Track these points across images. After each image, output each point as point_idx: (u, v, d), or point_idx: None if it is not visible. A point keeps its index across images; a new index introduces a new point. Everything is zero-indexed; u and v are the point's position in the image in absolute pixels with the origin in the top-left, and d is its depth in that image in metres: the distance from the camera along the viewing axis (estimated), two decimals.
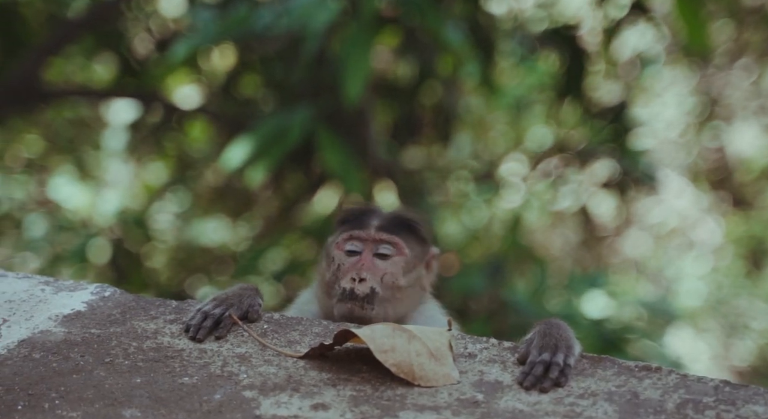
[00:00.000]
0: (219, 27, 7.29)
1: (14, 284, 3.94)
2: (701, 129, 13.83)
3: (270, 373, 3.44)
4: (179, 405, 3.26)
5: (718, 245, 13.98)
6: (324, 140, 7.54)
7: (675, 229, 14.25)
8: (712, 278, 13.70)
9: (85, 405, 3.25)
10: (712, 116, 13.82)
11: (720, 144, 14.13)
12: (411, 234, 4.04)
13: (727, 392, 3.34)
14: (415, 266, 4.03)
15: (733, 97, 13.92)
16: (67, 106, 11.11)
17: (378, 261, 3.97)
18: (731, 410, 3.25)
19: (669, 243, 14.22)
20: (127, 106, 10.57)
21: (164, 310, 3.78)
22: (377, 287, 3.91)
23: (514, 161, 11.10)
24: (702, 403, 3.29)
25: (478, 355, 3.56)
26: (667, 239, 14.24)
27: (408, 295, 4.00)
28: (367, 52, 6.86)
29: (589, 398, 3.32)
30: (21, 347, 3.54)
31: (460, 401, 3.31)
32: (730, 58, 13.40)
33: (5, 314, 3.76)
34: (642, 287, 13.18)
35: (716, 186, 14.29)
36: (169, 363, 3.48)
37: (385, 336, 3.41)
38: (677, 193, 13.95)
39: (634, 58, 10.94)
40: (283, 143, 7.44)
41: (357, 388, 3.36)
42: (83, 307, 3.78)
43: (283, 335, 3.66)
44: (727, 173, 14.27)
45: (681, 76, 13.16)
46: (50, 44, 9.78)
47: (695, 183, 14.11)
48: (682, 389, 3.37)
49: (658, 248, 14.18)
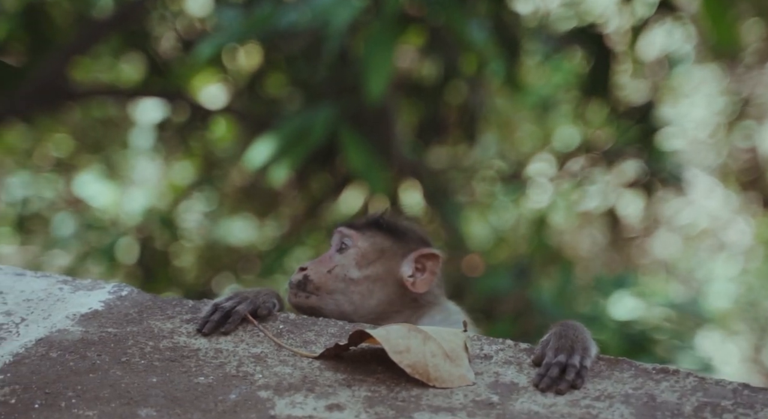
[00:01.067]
0: (243, 26, 7.30)
1: (32, 283, 3.95)
2: (731, 129, 13.74)
3: (285, 373, 3.43)
4: (194, 405, 3.26)
5: (749, 247, 13.89)
6: (347, 140, 7.54)
7: (705, 230, 14.17)
8: (742, 280, 13.61)
9: (102, 404, 3.26)
10: (743, 115, 13.73)
11: (751, 144, 14.04)
12: (378, 230, 4.03)
13: (746, 395, 3.31)
14: (378, 260, 3.99)
15: (764, 96, 13.83)
16: (94, 105, 11.16)
17: (337, 255, 3.98)
18: (750, 413, 3.22)
19: (699, 244, 14.14)
20: (154, 105, 10.60)
21: (181, 309, 3.78)
22: (312, 276, 3.93)
23: (541, 161, 11.07)
24: (720, 406, 3.27)
25: (494, 356, 3.55)
26: (697, 240, 14.17)
27: (370, 289, 3.97)
28: (389, 50, 6.86)
29: (605, 400, 3.30)
30: (38, 346, 3.55)
31: (475, 402, 3.30)
32: (761, 57, 13.31)
33: (23, 313, 3.77)
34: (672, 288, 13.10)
35: (747, 187, 14.20)
36: (185, 363, 3.48)
37: (401, 337, 3.40)
38: (707, 194, 13.87)
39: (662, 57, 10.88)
40: (306, 142, 7.45)
41: (372, 389, 3.35)
42: (100, 306, 3.79)
43: (298, 335, 3.66)
44: (758, 173, 14.18)
45: (711, 75, 13.09)
46: (77, 44, 9.82)
47: (725, 184, 14.02)
48: (700, 392, 3.34)
49: (687, 250, 14.10)
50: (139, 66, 10.59)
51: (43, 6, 10.00)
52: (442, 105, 9.24)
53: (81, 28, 10.02)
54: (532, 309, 9.68)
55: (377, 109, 7.85)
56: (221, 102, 10.37)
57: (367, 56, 6.91)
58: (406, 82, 9.10)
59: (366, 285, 3.96)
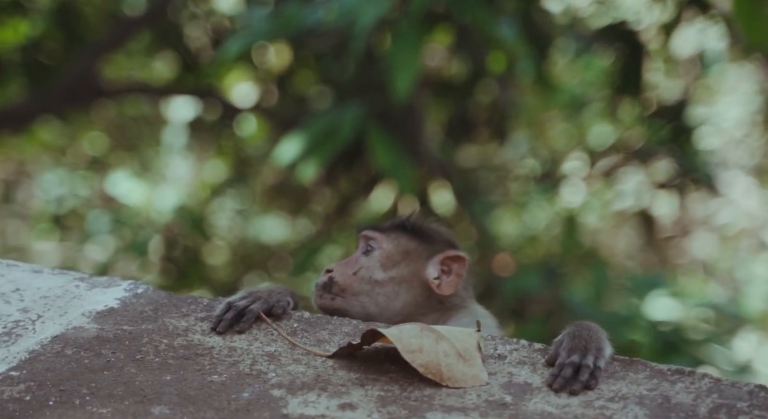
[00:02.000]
0: (270, 24, 7.30)
1: (49, 281, 3.97)
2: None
3: (298, 372, 3.43)
4: (208, 403, 3.26)
5: None
6: (375, 138, 7.53)
7: (743, 230, 14.06)
8: None
9: (115, 401, 3.27)
10: None
11: None
12: (403, 232, 4.03)
13: (762, 397, 3.29)
14: (403, 262, 3.99)
15: None
16: (128, 103, 11.21)
17: (363, 257, 3.98)
18: (766, 415, 3.20)
19: (737, 244, 14.03)
20: (186, 103, 10.64)
21: (196, 307, 3.79)
22: (337, 277, 3.93)
23: (573, 160, 11.02)
24: (735, 408, 3.24)
25: (507, 357, 3.53)
26: (735, 240, 14.06)
27: (395, 291, 3.97)
28: (416, 49, 6.84)
29: (619, 401, 3.29)
30: (54, 343, 3.57)
31: (488, 402, 3.29)
32: None
33: (40, 310, 3.79)
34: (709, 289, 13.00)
35: None
36: (199, 361, 3.49)
37: (413, 336, 3.39)
38: (744, 193, 13.76)
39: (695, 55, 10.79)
40: (333, 140, 7.45)
41: (385, 388, 3.35)
42: (116, 304, 3.80)
43: (312, 334, 3.66)
44: None
45: (746, 74, 12.98)
46: (109, 41, 9.88)
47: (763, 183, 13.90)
48: (716, 393, 3.31)
49: (726, 250, 14.00)
50: (171, 64, 10.64)
51: (76, 4, 10.06)
52: (471, 104, 9.21)
53: (112, 25, 10.07)
54: (563, 309, 9.64)
55: (405, 107, 7.84)
56: (252, 100, 10.39)
57: (393, 55, 6.90)
58: (435, 81, 9.08)
59: (391, 287, 3.96)
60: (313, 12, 7.14)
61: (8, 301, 3.83)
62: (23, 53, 9.97)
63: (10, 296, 3.87)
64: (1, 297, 3.85)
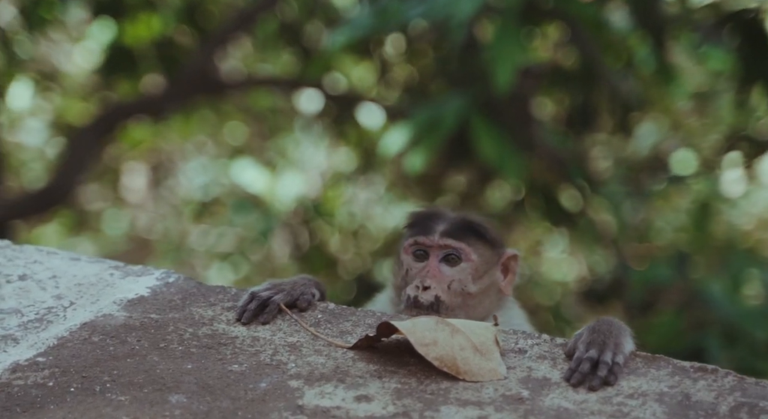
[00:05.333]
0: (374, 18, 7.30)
1: (86, 268, 4.05)
2: None
3: (318, 363, 3.43)
4: (225, 393, 3.29)
5: None
6: (479, 128, 7.45)
7: None
8: None
9: (135, 389, 3.32)
10: None
11: None
12: (478, 238, 3.96)
13: None
14: (486, 271, 3.95)
15: None
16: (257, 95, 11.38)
17: (445, 268, 3.92)
18: None
19: None
20: (310, 94, 10.74)
21: (223, 297, 3.81)
22: (442, 296, 3.86)
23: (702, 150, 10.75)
24: (758, 407, 3.13)
25: (528, 351, 3.47)
26: None
27: (481, 301, 3.94)
28: (516, 40, 6.75)
29: (638, 398, 3.20)
30: (82, 330, 3.64)
31: (504, 397, 3.23)
32: None
33: (73, 296, 3.87)
34: None
35: None
36: (221, 350, 3.51)
37: (427, 330, 3.35)
38: None
39: None
40: (438, 130, 7.41)
41: (402, 381, 3.32)
42: (147, 292, 3.85)
43: (335, 325, 3.65)
44: None
45: None
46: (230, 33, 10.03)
47: None
48: (738, 392, 3.20)
49: None
50: (292, 56, 10.75)
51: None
52: (591, 94, 9.03)
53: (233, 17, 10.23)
54: (698, 301, 9.41)
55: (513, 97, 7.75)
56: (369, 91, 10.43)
57: (494, 46, 6.83)
58: (551, 71, 8.93)
59: (479, 298, 3.95)
60: (415, 6, 7.11)
61: (44, 288, 3.93)
62: (157, 48, 10.22)
63: (47, 282, 3.96)
64: (37, 284, 3.95)
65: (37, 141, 13.08)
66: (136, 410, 3.21)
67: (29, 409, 3.23)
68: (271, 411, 3.19)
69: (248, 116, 12.31)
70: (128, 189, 14.20)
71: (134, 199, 14.32)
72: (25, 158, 13.44)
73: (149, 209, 14.19)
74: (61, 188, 10.14)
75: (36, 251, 4.18)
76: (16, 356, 3.50)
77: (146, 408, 3.22)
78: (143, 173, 14.19)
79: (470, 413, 3.15)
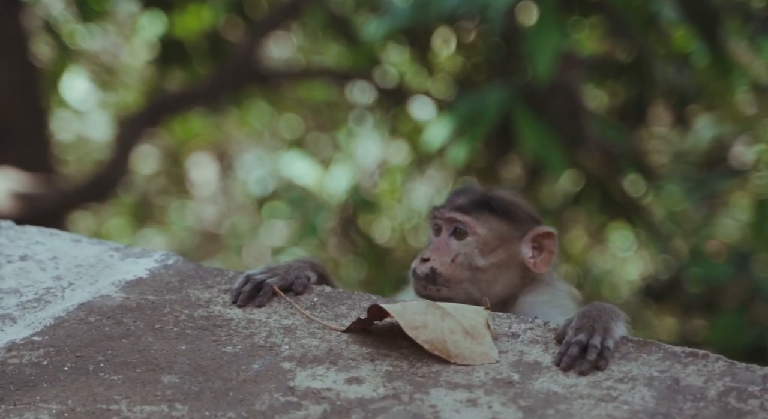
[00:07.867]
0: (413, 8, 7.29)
1: (86, 250, 4.08)
2: None
3: (312, 345, 3.43)
4: (217, 374, 3.30)
5: None
6: (522, 119, 7.39)
7: None
8: None
9: (128, 369, 3.34)
10: None
11: None
12: (492, 213, 3.92)
13: None
14: (500, 245, 3.89)
15: None
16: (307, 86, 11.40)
17: (452, 241, 3.88)
18: None
19: None
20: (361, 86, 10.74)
21: (221, 279, 3.83)
22: (439, 267, 3.82)
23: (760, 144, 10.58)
24: (747, 392, 3.09)
25: (521, 335, 3.44)
26: None
27: (496, 276, 3.88)
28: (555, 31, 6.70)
29: (628, 382, 3.17)
30: (79, 310, 3.67)
31: (494, 380, 3.21)
32: None
33: (72, 277, 3.90)
34: None
35: None
36: (216, 332, 3.52)
37: (417, 313, 3.33)
38: None
39: None
40: (481, 122, 7.37)
41: (394, 364, 3.32)
42: (145, 274, 3.88)
43: (331, 308, 3.65)
44: None
45: None
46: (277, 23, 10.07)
47: None
48: (728, 377, 3.16)
49: None
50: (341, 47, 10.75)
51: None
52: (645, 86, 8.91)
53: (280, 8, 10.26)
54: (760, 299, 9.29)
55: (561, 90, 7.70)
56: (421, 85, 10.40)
57: (533, 36, 6.79)
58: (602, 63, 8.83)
59: (492, 272, 3.90)
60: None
61: (44, 268, 3.96)
62: (207, 39, 10.29)
63: (47, 263, 4.00)
64: (38, 265, 3.99)
65: (98, 134, 13.24)
66: (128, 389, 3.23)
67: (22, 387, 3.26)
68: (262, 392, 3.20)
69: (304, 108, 12.34)
70: (193, 182, 14.32)
71: (200, 192, 14.44)
72: (87, 150, 13.61)
73: (216, 202, 14.30)
74: (111, 178, 10.22)
75: (38, 232, 4.23)
76: (12, 335, 3.54)
77: (138, 387, 3.24)
78: (208, 166, 14.30)
79: (460, 395, 3.14)
